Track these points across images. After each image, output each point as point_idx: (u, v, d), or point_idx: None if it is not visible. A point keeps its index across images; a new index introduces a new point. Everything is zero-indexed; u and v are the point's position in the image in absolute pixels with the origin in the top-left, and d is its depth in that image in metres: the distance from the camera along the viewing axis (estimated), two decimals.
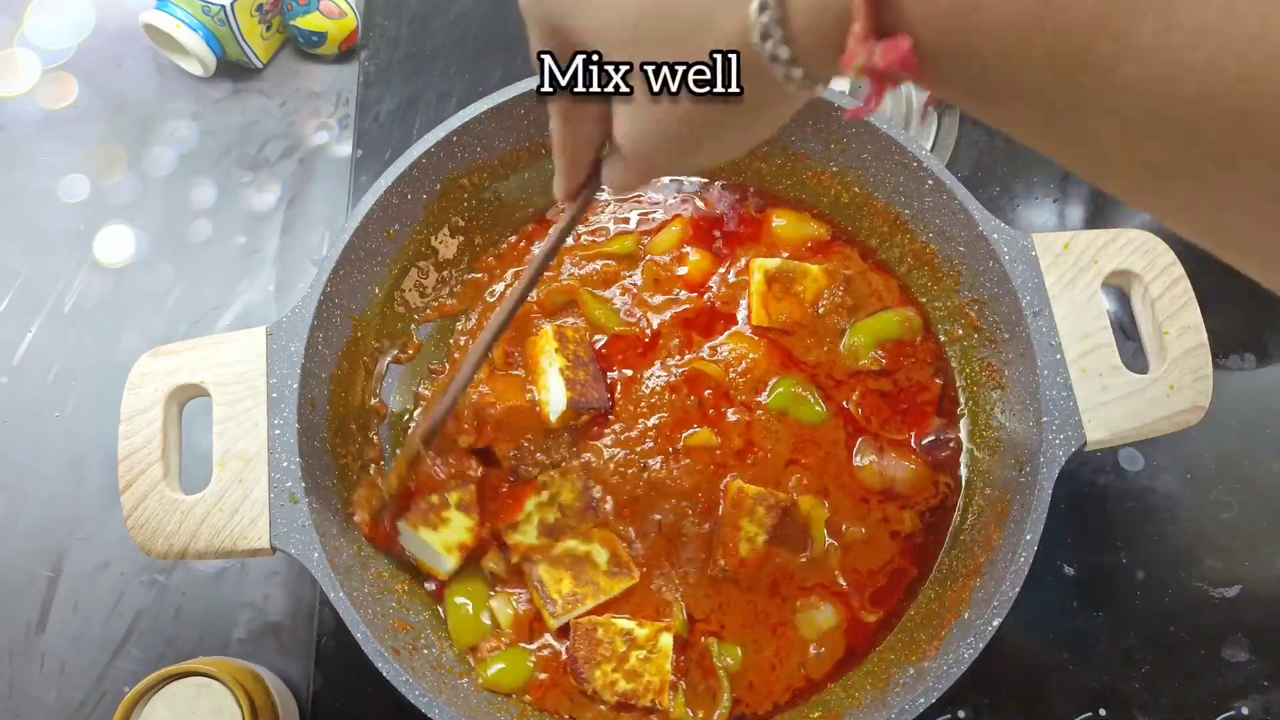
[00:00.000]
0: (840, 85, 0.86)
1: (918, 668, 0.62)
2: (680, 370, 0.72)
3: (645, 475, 0.68)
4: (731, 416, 0.71)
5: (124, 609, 0.77)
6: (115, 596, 0.77)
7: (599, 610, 0.66)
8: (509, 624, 0.67)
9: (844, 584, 0.68)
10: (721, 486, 0.69)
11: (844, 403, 0.72)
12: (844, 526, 0.69)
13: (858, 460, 0.71)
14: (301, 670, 0.75)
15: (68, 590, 0.78)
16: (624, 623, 0.65)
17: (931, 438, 0.72)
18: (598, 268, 0.76)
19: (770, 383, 0.72)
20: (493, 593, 0.68)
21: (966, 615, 0.61)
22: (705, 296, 0.75)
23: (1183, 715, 0.73)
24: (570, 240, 0.78)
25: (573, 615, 0.66)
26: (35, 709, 0.75)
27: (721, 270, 0.76)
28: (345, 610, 0.58)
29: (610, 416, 0.70)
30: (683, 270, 0.75)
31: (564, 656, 0.66)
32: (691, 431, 0.70)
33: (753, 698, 0.67)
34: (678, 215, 0.78)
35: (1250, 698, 0.73)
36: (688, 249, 0.76)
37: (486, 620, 0.67)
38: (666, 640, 0.65)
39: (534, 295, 0.76)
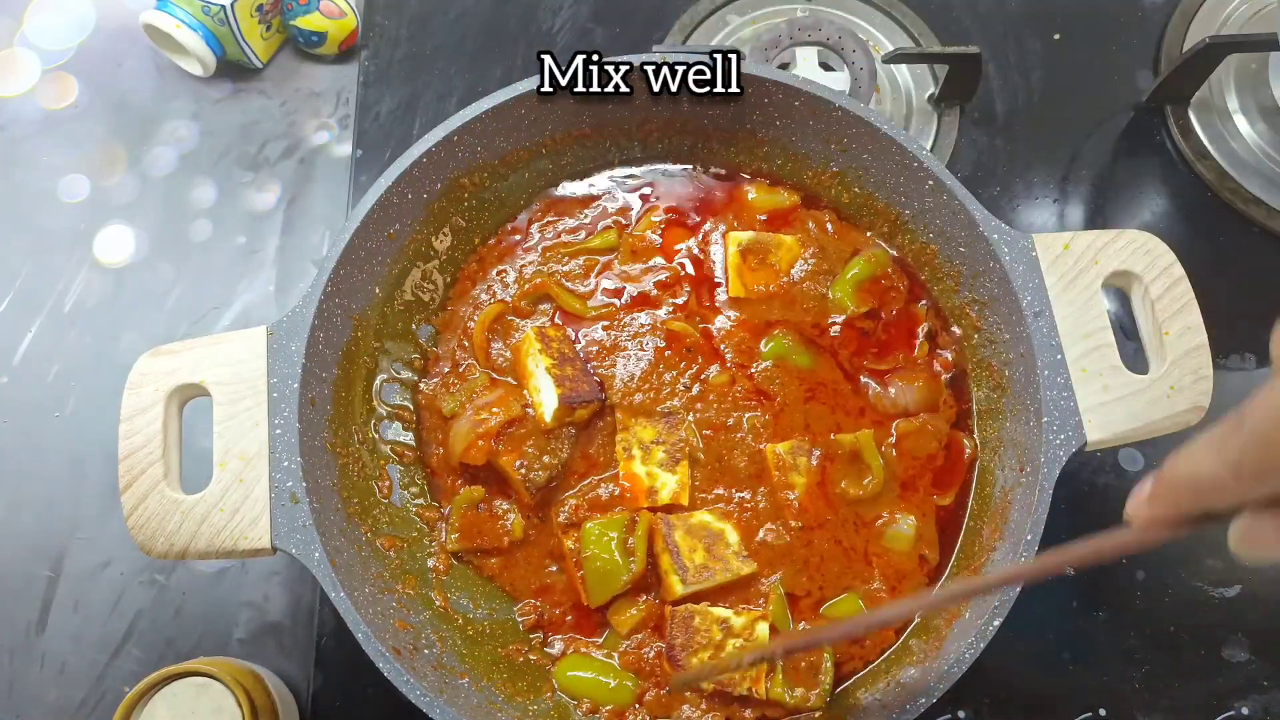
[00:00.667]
0: (838, 83, 0.86)
1: (919, 668, 0.62)
2: (660, 330, 0.73)
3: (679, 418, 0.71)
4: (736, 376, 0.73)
5: (124, 609, 0.77)
6: (115, 596, 0.77)
7: (711, 594, 0.66)
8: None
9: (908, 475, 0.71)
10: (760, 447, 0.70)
11: (831, 335, 0.74)
12: (893, 427, 0.71)
13: (870, 396, 0.73)
14: (301, 670, 0.75)
15: (68, 590, 0.78)
16: (720, 611, 0.65)
17: (927, 347, 0.74)
18: (580, 263, 0.76)
19: (762, 340, 0.73)
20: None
21: (967, 616, 0.61)
22: (677, 260, 0.76)
23: (1183, 715, 0.73)
24: (550, 238, 0.77)
25: (700, 587, 0.65)
26: (35, 709, 0.75)
27: (695, 239, 0.77)
28: (346, 610, 0.58)
29: (605, 407, 0.71)
30: (657, 240, 0.76)
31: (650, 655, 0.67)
32: (710, 373, 0.72)
33: (872, 645, 0.67)
34: (654, 206, 0.78)
35: (1250, 698, 0.73)
36: (659, 218, 0.78)
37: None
38: (763, 629, 0.64)
39: (509, 296, 0.76)
